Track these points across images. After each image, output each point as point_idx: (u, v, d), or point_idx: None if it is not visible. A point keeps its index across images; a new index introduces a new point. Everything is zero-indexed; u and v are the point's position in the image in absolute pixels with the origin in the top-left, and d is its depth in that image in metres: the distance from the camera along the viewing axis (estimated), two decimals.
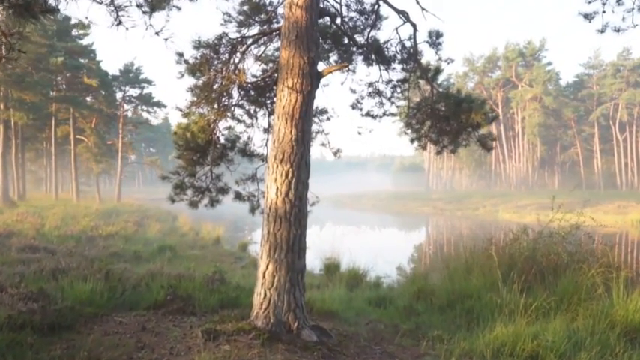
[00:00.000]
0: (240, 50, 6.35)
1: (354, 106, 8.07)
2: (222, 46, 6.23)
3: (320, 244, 15.30)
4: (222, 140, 7.04)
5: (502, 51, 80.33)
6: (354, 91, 7.94)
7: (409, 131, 7.93)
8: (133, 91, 43.79)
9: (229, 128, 7.15)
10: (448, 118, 7.20)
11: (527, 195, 61.31)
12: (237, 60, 6.40)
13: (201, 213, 8.07)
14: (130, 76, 42.02)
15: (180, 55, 6.17)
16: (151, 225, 23.04)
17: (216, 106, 6.69)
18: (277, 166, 5.23)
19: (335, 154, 7.65)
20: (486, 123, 6.42)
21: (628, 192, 62.02)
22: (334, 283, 10.81)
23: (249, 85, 7.12)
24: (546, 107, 73.83)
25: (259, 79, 7.21)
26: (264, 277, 5.20)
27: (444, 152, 8.02)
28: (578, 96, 76.59)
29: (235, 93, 7.02)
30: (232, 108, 7.13)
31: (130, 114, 50.87)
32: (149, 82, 43.76)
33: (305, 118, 5.30)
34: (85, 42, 37.17)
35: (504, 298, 7.67)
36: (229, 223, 29.52)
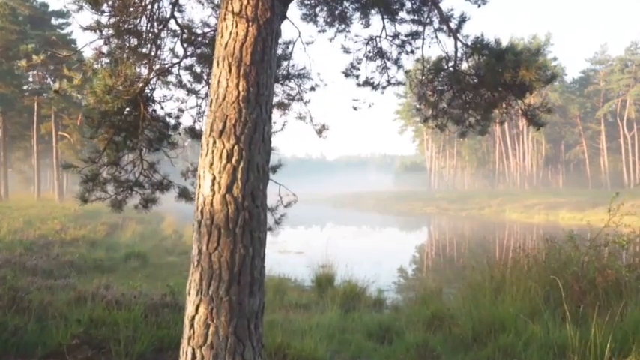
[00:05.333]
0: None
1: (347, 73, 5.99)
2: None
3: (314, 249, 13.21)
4: (161, 114, 4.97)
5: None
6: (347, 51, 5.85)
7: (423, 106, 5.86)
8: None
9: (173, 99, 5.08)
10: (478, 85, 5.14)
11: (533, 194, 59.41)
12: None
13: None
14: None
15: None
16: (130, 227, 20.96)
17: (145, 70, 4.62)
18: (215, 143, 3.17)
19: (320, 132, 5.57)
20: (542, 83, 4.35)
21: (637, 191, 59.85)
22: (326, 301, 8.74)
23: (199, 39, 5.05)
24: (552, 104, 71.67)
25: (214, 29, 5.13)
26: (192, 327, 3.13)
27: (469, 133, 5.97)
28: (584, 92, 74.50)
29: (180, 49, 4.95)
30: (177, 69, 5.06)
31: None
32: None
33: (261, 64, 3.23)
34: (65, 31, 34.96)
35: (553, 331, 5.64)
36: None
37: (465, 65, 5.32)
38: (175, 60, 4.94)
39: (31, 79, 34.85)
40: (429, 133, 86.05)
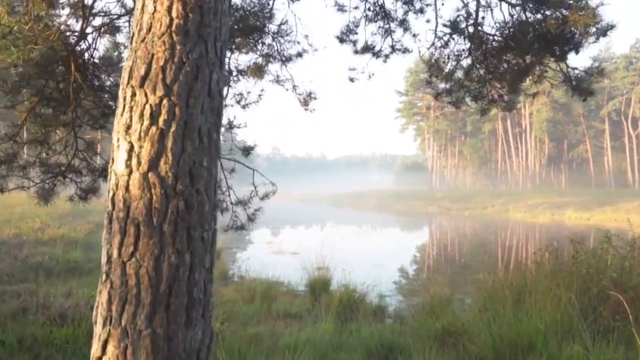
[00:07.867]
0: None
1: (342, 38, 4.92)
2: None
3: (311, 250, 12.15)
4: (106, 81, 3.92)
5: None
6: (342, 9, 4.77)
7: (434, 78, 4.80)
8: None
9: (123, 62, 4.02)
10: (504, 48, 4.07)
11: (536, 194, 58.40)
12: None
13: None
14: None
15: None
16: None
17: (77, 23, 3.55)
18: (134, 95, 2.11)
19: (305, 102, 4.51)
20: (595, 35, 3.28)
21: None
22: (319, 310, 7.67)
23: None
24: (555, 102, 70.56)
25: None
26: None
27: (489, 112, 4.92)
28: None
29: None
30: (127, 25, 4.00)
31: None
32: None
33: None
34: None
35: (598, 354, 4.59)
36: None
37: (488, 23, 4.24)
38: (124, 12, 3.88)
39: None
40: (431, 131, 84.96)
